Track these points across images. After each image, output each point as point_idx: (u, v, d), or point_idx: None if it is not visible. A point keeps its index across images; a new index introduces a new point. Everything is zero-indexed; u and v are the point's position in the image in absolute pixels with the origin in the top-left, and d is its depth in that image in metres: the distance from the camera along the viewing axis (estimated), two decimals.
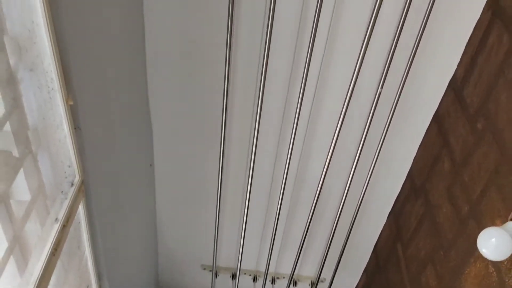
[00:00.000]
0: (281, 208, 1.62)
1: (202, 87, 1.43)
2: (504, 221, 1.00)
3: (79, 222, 0.99)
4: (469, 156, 1.26)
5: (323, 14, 1.21)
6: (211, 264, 1.92)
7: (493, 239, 0.92)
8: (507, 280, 1.05)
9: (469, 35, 1.28)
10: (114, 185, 1.22)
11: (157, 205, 1.80)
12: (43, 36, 0.73)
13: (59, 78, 0.75)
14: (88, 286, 1.13)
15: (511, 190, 1.06)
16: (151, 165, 1.64)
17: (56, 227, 0.84)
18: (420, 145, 1.54)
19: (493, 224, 1.12)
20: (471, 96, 1.26)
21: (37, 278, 0.79)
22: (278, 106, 1.45)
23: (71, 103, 0.78)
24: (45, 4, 0.69)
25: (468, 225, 1.23)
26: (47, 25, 0.71)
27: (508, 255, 0.93)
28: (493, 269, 1.10)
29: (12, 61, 0.68)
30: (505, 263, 1.06)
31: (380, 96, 1.31)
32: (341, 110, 1.33)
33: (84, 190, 0.97)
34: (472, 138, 1.24)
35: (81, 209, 0.98)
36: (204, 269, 2.06)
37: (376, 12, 1.14)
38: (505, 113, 1.10)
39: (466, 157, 1.28)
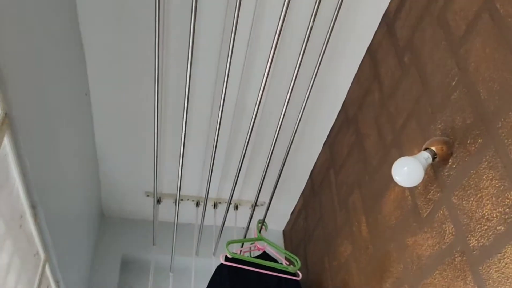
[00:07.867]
0: (220, 135, 1.63)
1: (134, 14, 1.38)
2: (420, 150, 1.08)
3: (5, 155, 0.98)
4: (396, 87, 1.32)
5: None
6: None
7: (405, 168, 1.00)
8: (419, 203, 1.15)
9: None
10: (45, 116, 1.19)
11: (95, 133, 1.78)
12: None
13: None
14: (21, 216, 1.14)
15: (428, 120, 1.14)
16: (86, 94, 1.60)
17: None
18: (354, 78, 1.59)
19: (411, 153, 1.20)
20: (401, 28, 1.30)
21: None
22: (215, 32, 1.43)
23: None
24: None
25: (391, 153, 1.32)
26: None
27: (418, 182, 1.02)
28: (409, 193, 1.20)
29: None
30: (419, 188, 1.15)
31: (314, 28, 1.31)
32: (275, 40, 1.32)
33: (9, 123, 0.95)
34: (399, 70, 1.29)
35: (6, 142, 0.96)
36: (148, 196, 2.11)
37: None
38: (428, 48, 1.14)
39: (393, 88, 1.33)
